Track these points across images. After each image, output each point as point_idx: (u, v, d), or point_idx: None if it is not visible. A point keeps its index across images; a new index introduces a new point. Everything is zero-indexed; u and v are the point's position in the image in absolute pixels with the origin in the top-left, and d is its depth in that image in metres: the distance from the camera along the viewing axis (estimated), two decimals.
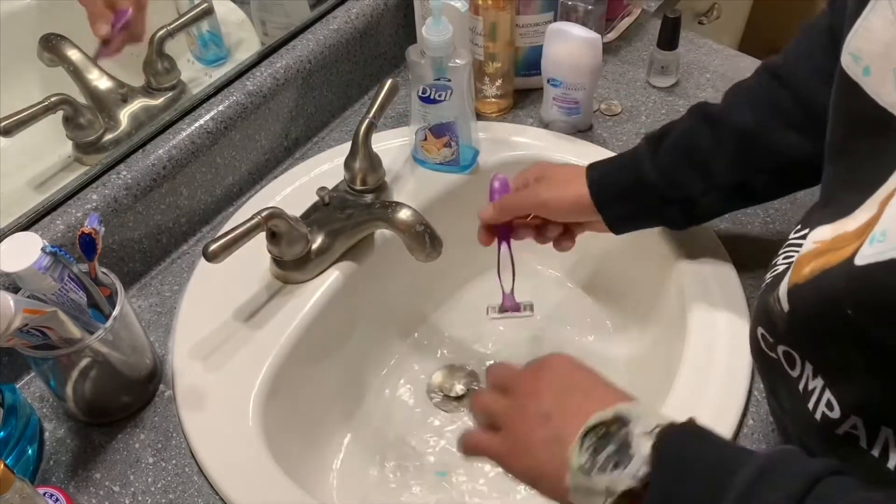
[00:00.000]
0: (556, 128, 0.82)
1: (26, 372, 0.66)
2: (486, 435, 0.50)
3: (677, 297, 0.69)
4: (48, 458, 0.61)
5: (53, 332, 0.54)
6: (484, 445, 0.50)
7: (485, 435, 0.51)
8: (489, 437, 0.50)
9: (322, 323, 0.68)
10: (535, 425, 0.46)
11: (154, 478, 0.59)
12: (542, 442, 0.45)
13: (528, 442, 0.46)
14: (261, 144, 0.79)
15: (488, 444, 0.50)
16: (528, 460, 0.47)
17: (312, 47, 0.80)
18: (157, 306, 0.70)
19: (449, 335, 0.82)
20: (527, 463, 0.47)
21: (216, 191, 0.77)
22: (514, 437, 0.48)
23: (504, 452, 0.49)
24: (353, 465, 0.72)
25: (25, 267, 0.52)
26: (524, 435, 0.47)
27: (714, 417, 0.58)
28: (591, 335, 0.81)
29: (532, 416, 0.47)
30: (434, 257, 0.65)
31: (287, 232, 0.66)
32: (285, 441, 0.64)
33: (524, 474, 0.48)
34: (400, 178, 0.77)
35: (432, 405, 0.77)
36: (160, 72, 0.75)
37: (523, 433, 0.47)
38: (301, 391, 0.68)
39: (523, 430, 0.47)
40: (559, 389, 0.47)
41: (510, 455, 0.48)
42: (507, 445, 0.49)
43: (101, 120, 0.72)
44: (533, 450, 0.46)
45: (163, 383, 0.65)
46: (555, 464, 0.44)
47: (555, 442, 0.44)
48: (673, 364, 0.64)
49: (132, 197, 0.69)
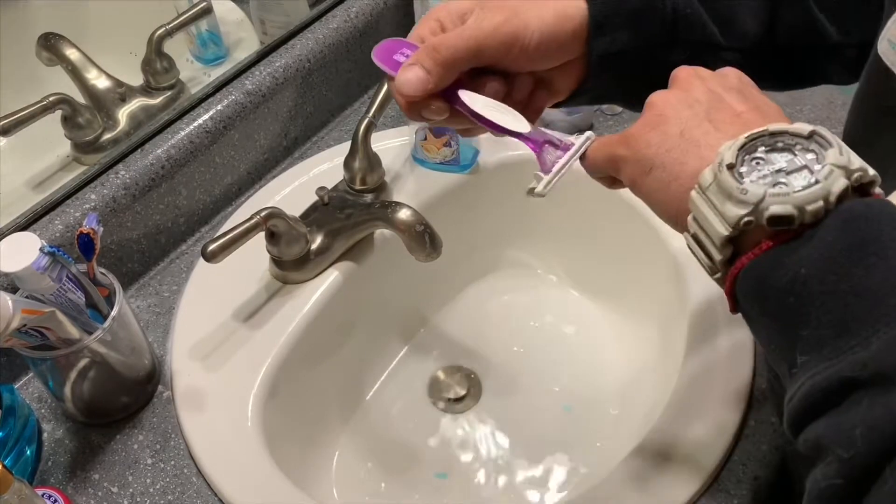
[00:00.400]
0: (557, 127, 0.82)
1: (24, 372, 0.66)
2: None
3: (677, 296, 0.69)
4: (46, 458, 0.61)
5: (52, 332, 0.54)
6: None
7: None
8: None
9: (321, 323, 0.68)
10: (696, 100, 0.39)
11: (153, 479, 0.59)
12: (695, 117, 0.38)
13: (676, 110, 0.39)
14: (260, 144, 0.79)
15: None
16: (665, 129, 0.39)
17: (312, 46, 0.80)
18: (156, 306, 0.70)
19: (449, 335, 0.82)
20: (661, 134, 0.39)
21: (215, 190, 0.76)
22: (663, 103, 0.40)
23: (639, 126, 0.41)
24: (353, 466, 0.72)
25: (24, 267, 0.52)
26: (675, 102, 0.40)
27: (714, 417, 0.58)
28: (592, 335, 0.81)
29: (697, 92, 0.40)
30: (434, 257, 0.65)
31: (286, 232, 0.66)
32: (284, 442, 0.63)
33: (644, 149, 0.40)
34: (400, 177, 0.77)
35: (432, 406, 0.77)
36: (159, 71, 0.75)
37: (673, 101, 0.40)
38: (300, 391, 0.68)
39: (675, 100, 0.40)
40: (743, 92, 0.40)
41: (644, 122, 0.41)
42: (649, 114, 0.41)
43: (99, 119, 0.72)
44: (677, 119, 0.39)
45: (161, 384, 0.65)
46: (696, 148, 0.37)
47: (713, 121, 0.38)
48: (673, 364, 0.64)
49: (131, 197, 0.68)
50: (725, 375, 0.61)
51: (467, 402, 0.77)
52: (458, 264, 0.79)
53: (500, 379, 0.79)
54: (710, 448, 0.57)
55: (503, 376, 0.79)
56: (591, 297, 0.83)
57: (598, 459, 0.69)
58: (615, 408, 0.74)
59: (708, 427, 0.58)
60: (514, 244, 0.84)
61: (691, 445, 0.57)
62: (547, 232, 0.83)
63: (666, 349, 0.71)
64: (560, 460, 0.72)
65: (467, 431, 0.75)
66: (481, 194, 0.79)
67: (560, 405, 0.76)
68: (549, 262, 0.85)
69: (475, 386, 0.78)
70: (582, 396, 0.76)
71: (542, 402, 0.77)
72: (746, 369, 0.61)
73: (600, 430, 0.73)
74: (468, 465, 0.72)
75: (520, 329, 0.82)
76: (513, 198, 0.81)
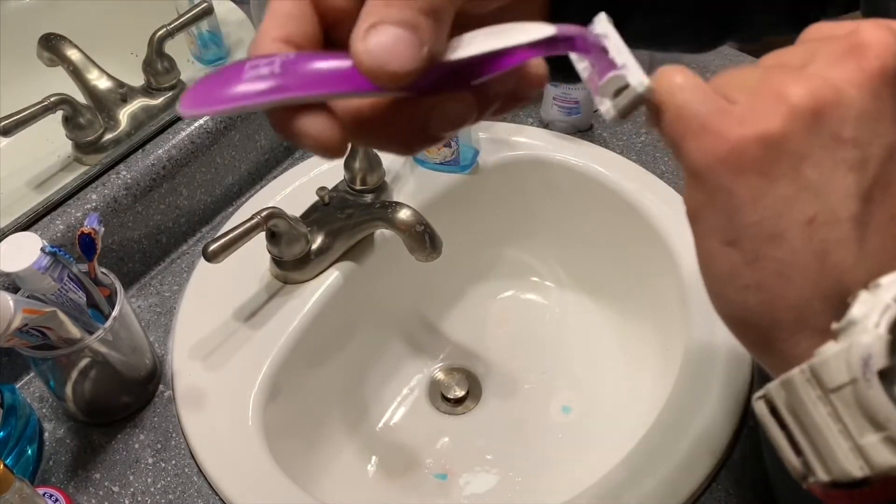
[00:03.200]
0: (556, 127, 0.82)
1: (26, 372, 0.66)
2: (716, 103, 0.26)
3: (678, 296, 0.69)
4: (48, 458, 0.61)
5: (53, 332, 0.54)
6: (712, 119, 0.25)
7: (715, 101, 0.26)
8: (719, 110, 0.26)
9: (322, 323, 0.68)
10: (868, 157, 0.23)
11: (154, 478, 0.59)
12: (848, 200, 0.23)
13: (821, 156, 0.23)
14: (260, 144, 0.79)
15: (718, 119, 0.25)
16: (785, 191, 0.24)
17: None
18: (157, 306, 0.70)
19: (449, 336, 0.82)
20: (778, 199, 0.24)
21: (216, 191, 0.77)
22: (796, 117, 0.24)
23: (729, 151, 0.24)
24: (353, 466, 0.72)
25: (25, 267, 0.52)
26: (826, 136, 0.24)
27: (714, 417, 0.58)
28: (591, 336, 0.81)
29: (881, 129, 0.24)
30: (434, 257, 0.65)
31: (287, 232, 0.66)
32: (285, 441, 0.64)
33: (738, 201, 0.24)
34: (400, 178, 0.77)
35: (432, 406, 0.77)
36: (160, 71, 0.75)
37: (823, 130, 0.24)
38: (301, 391, 0.68)
39: (828, 129, 0.24)
40: None
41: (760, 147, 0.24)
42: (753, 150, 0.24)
43: (100, 120, 0.72)
44: (817, 179, 0.23)
45: (162, 383, 0.65)
46: (824, 273, 0.23)
47: (868, 226, 0.23)
48: (673, 364, 0.64)
49: (132, 197, 0.69)
50: (725, 375, 0.61)
51: (467, 402, 0.77)
52: (458, 264, 0.79)
53: (500, 379, 0.79)
54: (709, 448, 0.57)
55: (503, 377, 0.79)
56: (591, 297, 0.83)
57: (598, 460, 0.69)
58: (614, 408, 0.74)
59: (707, 427, 0.58)
60: (514, 244, 0.84)
61: (691, 445, 0.57)
62: (547, 232, 0.83)
63: (666, 349, 0.71)
64: (559, 461, 0.72)
65: (467, 432, 0.75)
66: (481, 194, 0.79)
67: (560, 406, 0.76)
68: (549, 262, 0.85)
69: (475, 386, 0.78)
70: (581, 397, 0.77)
71: (541, 403, 0.77)
72: (746, 369, 0.61)
73: (600, 431, 0.73)
74: (468, 466, 0.72)
75: (520, 329, 0.82)
76: (513, 198, 0.81)
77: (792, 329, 0.24)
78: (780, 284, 0.24)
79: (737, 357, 0.62)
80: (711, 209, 0.25)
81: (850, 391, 0.22)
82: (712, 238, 0.25)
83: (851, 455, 0.23)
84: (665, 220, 0.71)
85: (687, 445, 0.57)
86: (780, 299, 0.24)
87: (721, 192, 0.25)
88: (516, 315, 0.84)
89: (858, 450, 0.23)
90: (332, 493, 0.70)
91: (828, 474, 0.24)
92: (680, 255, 0.70)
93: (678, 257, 0.70)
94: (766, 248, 0.24)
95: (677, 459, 0.56)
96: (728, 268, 0.25)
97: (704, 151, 0.25)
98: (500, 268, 0.85)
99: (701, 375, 0.61)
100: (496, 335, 0.82)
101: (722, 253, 0.25)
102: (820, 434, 0.23)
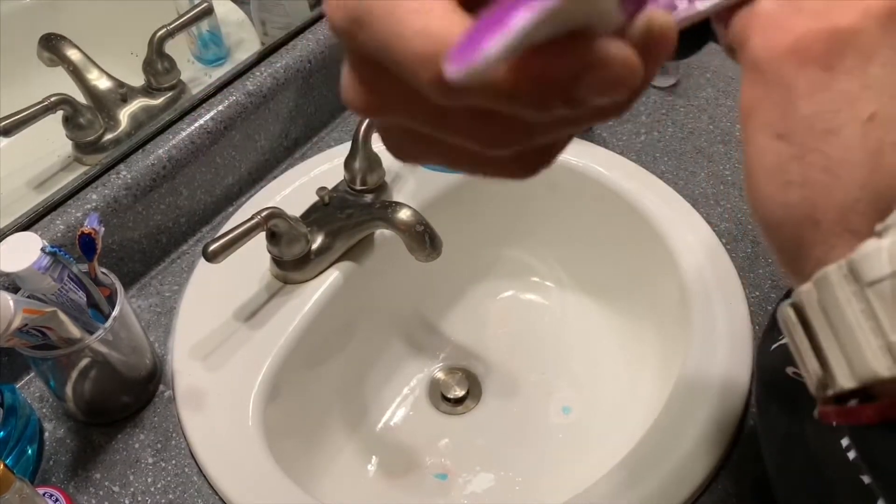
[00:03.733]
0: None
1: (26, 372, 0.66)
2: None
3: (678, 296, 0.69)
4: (48, 458, 0.61)
5: (53, 332, 0.54)
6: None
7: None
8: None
9: (322, 323, 0.68)
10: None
11: (154, 478, 0.59)
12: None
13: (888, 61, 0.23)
14: (261, 144, 0.79)
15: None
16: (849, 87, 0.23)
17: (312, 47, 0.80)
18: (157, 306, 0.70)
19: (449, 336, 0.82)
20: (837, 93, 0.23)
21: (216, 191, 0.77)
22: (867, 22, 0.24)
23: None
24: (353, 466, 0.72)
25: (25, 267, 0.52)
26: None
27: (714, 417, 0.58)
28: (591, 336, 0.81)
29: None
30: (434, 257, 0.65)
31: (287, 232, 0.66)
32: (285, 441, 0.64)
33: (798, 94, 0.24)
34: (400, 178, 0.77)
35: (432, 406, 0.77)
36: (160, 72, 0.75)
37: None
38: (301, 391, 0.68)
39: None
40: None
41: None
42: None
43: (100, 120, 0.72)
44: (882, 79, 0.23)
45: (162, 383, 0.65)
46: (878, 170, 0.23)
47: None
48: (673, 365, 0.64)
49: (132, 197, 0.69)
50: (725, 376, 0.61)
51: (467, 402, 0.77)
52: (458, 264, 0.79)
53: (500, 379, 0.79)
54: (709, 448, 0.57)
55: (503, 377, 0.79)
56: (591, 297, 0.83)
57: (598, 460, 0.69)
58: (614, 408, 0.74)
59: (707, 427, 0.58)
60: (514, 244, 0.84)
61: (690, 445, 0.57)
62: (547, 232, 0.83)
63: (666, 350, 0.71)
64: (559, 461, 0.72)
65: (467, 432, 0.75)
66: (481, 194, 0.79)
67: (560, 406, 0.76)
68: (549, 262, 0.85)
69: (475, 386, 0.78)
70: (581, 397, 0.77)
71: (541, 403, 0.77)
72: (746, 369, 0.61)
73: (599, 431, 0.73)
74: (468, 466, 0.72)
75: (520, 329, 0.82)
76: (513, 198, 0.81)
77: (830, 230, 0.24)
78: (827, 181, 0.23)
79: (737, 357, 0.62)
80: (767, 103, 0.25)
81: (889, 284, 0.22)
82: (764, 132, 0.25)
83: (880, 352, 0.23)
84: (665, 220, 0.71)
85: (687, 445, 0.57)
86: (825, 197, 0.23)
87: (780, 85, 0.24)
88: (516, 315, 0.84)
89: (889, 347, 0.22)
90: (332, 493, 0.70)
91: (851, 377, 0.23)
92: (680, 255, 0.70)
93: (678, 257, 0.70)
94: (818, 142, 0.23)
95: (677, 459, 0.56)
96: (775, 161, 0.24)
97: (769, 43, 0.25)
98: (500, 268, 0.85)
99: (701, 376, 0.61)
100: (496, 335, 0.82)
101: (771, 147, 0.24)
102: (850, 332, 0.23)
